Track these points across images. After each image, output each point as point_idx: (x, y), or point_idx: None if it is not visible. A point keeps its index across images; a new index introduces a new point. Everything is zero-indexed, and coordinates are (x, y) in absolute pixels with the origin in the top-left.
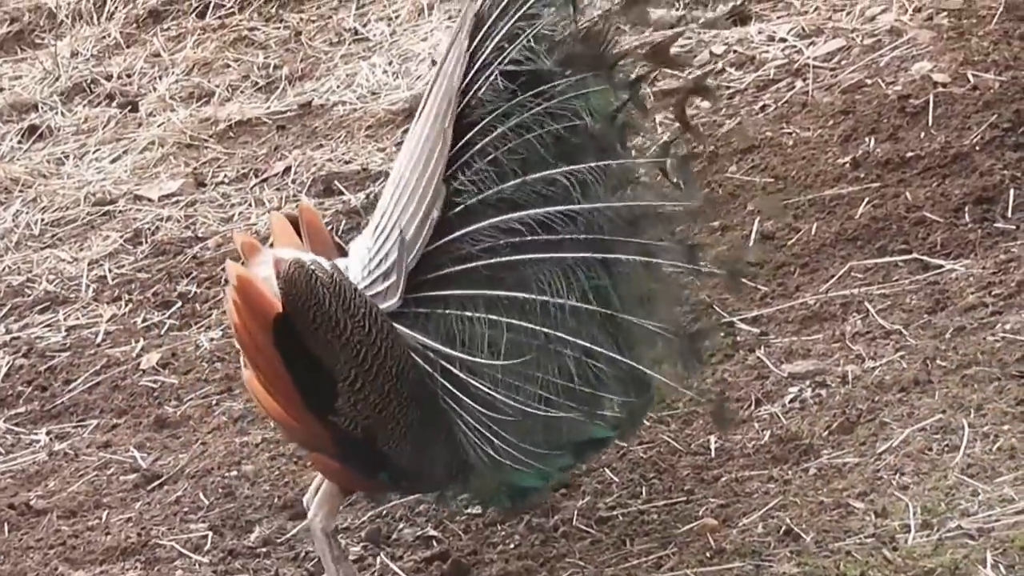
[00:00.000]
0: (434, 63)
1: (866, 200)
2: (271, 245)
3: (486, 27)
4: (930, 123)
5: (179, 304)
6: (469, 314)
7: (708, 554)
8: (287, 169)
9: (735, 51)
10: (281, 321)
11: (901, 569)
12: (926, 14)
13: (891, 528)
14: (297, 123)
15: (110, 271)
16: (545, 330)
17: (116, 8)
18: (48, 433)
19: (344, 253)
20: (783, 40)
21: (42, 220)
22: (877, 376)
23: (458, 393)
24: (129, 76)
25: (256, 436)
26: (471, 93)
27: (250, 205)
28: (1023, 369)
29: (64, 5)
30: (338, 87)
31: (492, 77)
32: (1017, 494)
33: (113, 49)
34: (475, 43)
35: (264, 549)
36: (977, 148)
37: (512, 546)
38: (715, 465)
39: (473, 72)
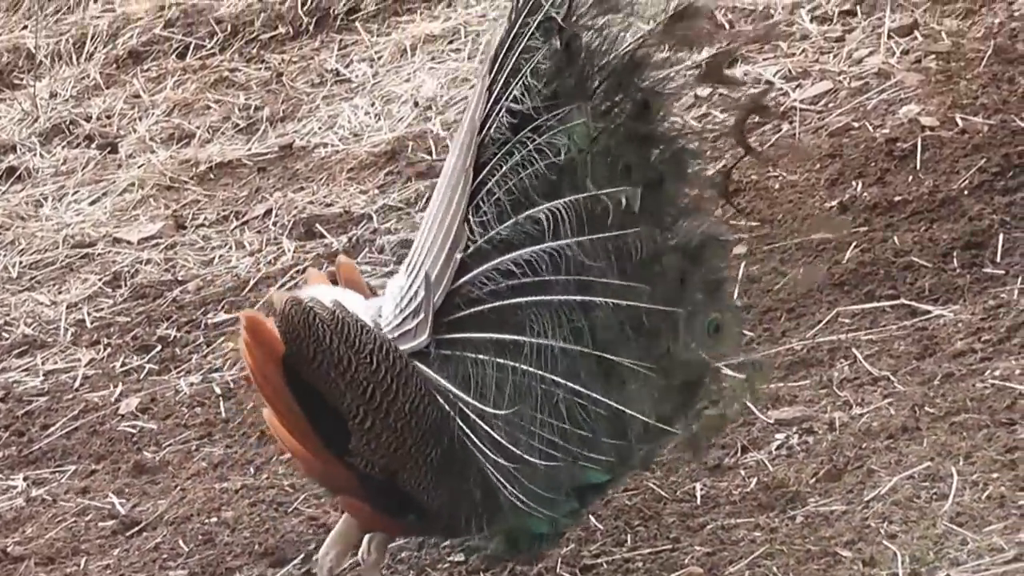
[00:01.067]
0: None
1: (853, 244)
2: None
3: (499, 59)
4: (918, 167)
5: (159, 348)
6: (482, 357)
7: None
8: (268, 212)
9: (720, 93)
10: (287, 360)
11: None
12: (914, 57)
13: None
14: (278, 165)
15: (89, 314)
16: (540, 372)
17: (95, 49)
18: (25, 479)
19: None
20: (770, 82)
21: (20, 263)
22: (865, 423)
23: (475, 437)
24: (109, 117)
25: (236, 482)
26: (486, 130)
27: (231, 248)
28: (1012, 416)
29: (43, 46)
30: (320, 129)
31: (500, 113)
32: (1007, 543)
33: (92, 90)
34: (492, 76)
35: None
36: (966, 192)
37: None
38: (701, 512)
39: (488, 107)
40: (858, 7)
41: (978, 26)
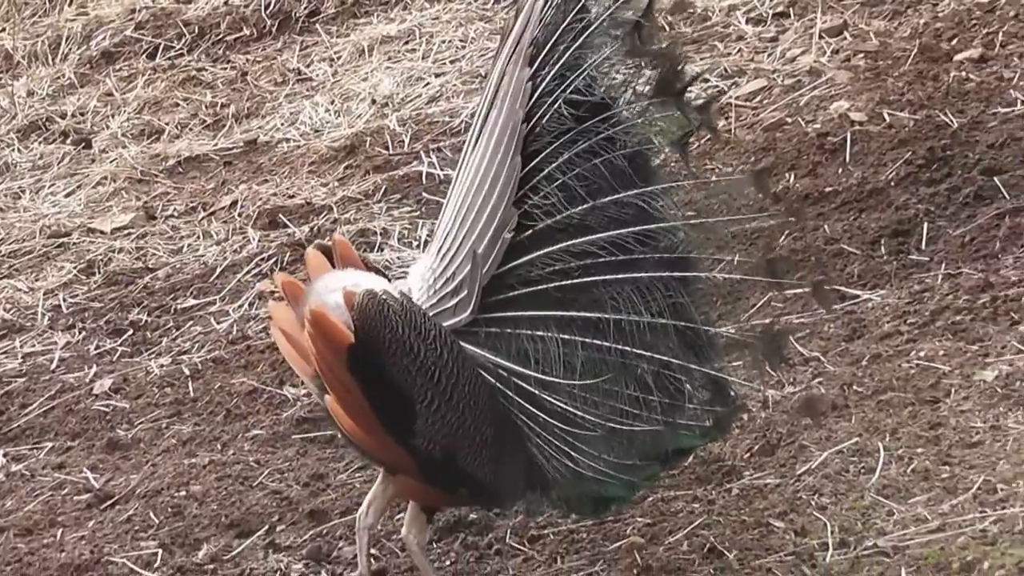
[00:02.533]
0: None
1: (787, 233)
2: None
3: (544, 54)
4: (847, 160)
5: (130, 332)
6: (541, 333)
7: (635, 571)
8: (234, 203)
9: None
10: (355, 350)
11: None
12: (844, 55)
13: (810, 546)
14: (243, 159)
15: (64, 300)
16: (621, 347)
17: (70, 50)
18: (5, 455)
19: (381, 274)
20: (707, 80)
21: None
22: (797, 401)
23: (533, 409)
24: (83, 114)
25: (204, 458)
26: (535, 120)
27: (198, 237)
28: (936, 395)
29: (20, 47)
30: (282, 125)
31: (556, 104)
32: (930, 514)
33: (67, 89)
34: (535, 70)
35: (212, 566)
36: (892, 184)
37: (448, 563)
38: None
39: (535, 99)
40: (791, 9)
41: (904, 26)
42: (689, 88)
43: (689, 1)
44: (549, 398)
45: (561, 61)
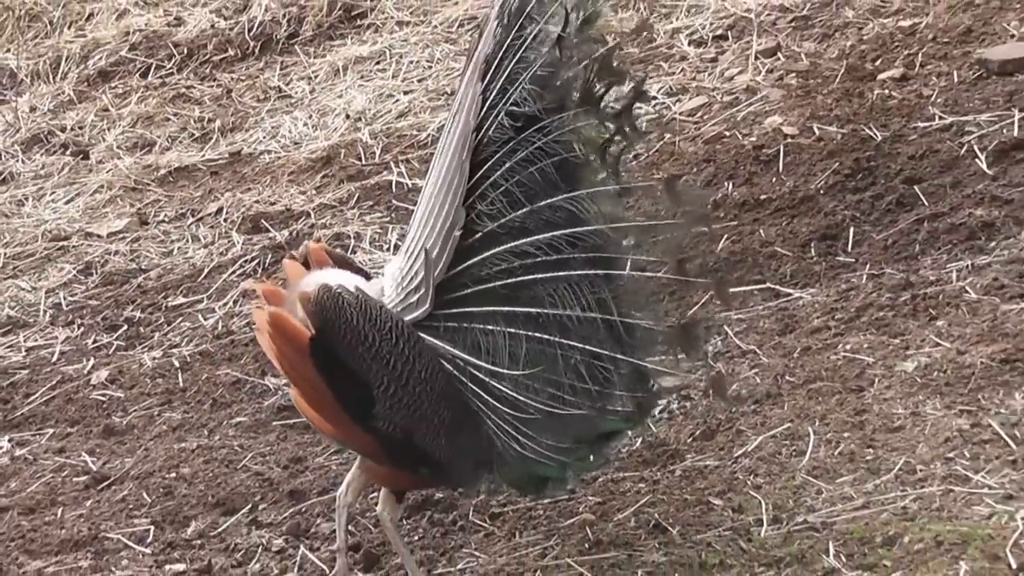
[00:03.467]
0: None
1: (725, 236)
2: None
3: (492, 70)
4: (781, 170)
5: (125, 327)
6: (491, 327)
7: (587, 545)
8: (219, 209)
9: (611, 107)
10: (315, 343)
11: (755, 558)
12: (777, 75)
13: (746, 522)
14: (228, 169)
15: (64, 299)
16: (557, 339)
17: (70, 69)
18: (10, 440)
19: (364, 274)
20: (654, 97)
21: (4, 254)
22: (735, 390)
23: (486, 396)
24: (81, 128)
25: (192, 443)
26: (483, 131)
27: (187, 241)
28: (861, 384)
29: (24, 66)
30: (264, 138)
31: (499, 116)
32: (855, 493)
33: (67, 104)
34: (485, 84)
35: (199, 541)
36: (821, 192)
37: (416, 538)
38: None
39: (484, 111)
40: (729, 32)
41: (832, 48)
42: (606, 98)
43: (651, 24)
44: (498, 386)
45: (504, 75)
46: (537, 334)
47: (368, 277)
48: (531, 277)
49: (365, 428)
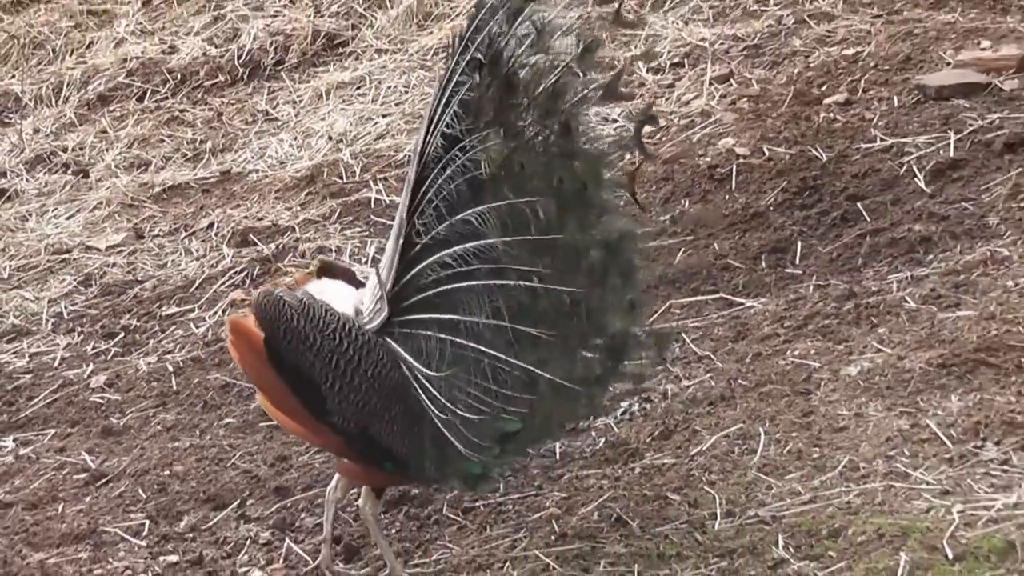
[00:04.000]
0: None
1: (682, 250)
2: None
3: (438, 92)
4: (734, 188)
5: (122, 335)
6: (428, 332)
7: (553, 537)
8: (210, 224)
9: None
10: (268, 344)
11: (709, 550)
12: (730, 99)
13: (701, 516)
14: (219, 187)
15: (65, 308)
16: (471, 343)
17: (71, 93)
18: (14, 440)
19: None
20: (615, 120)
21: (9, 266)
22: (691, 393)
23: (424, 396)
24: (81, 149)
25: (185, 442)
26: (426, 150)
27: (180, 254)
28: (808, 387)
29: (28, 91)
30: (252, 158)
31: (435, 136)
32: (803, 488)
33: (68, 127)
34: (433, 108)
35: (191, 534)
36: (771, 208)
37: (394, 531)
38: (559, 465)
39: (429, 132)
40: (685, 60)
41: (781, 75)
42: (505, 118)
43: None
44: (432, 387)
45: (444, 98)
46: (456, 339)
47: (357, 287)
48: (452, 286)
49: (328, 426)
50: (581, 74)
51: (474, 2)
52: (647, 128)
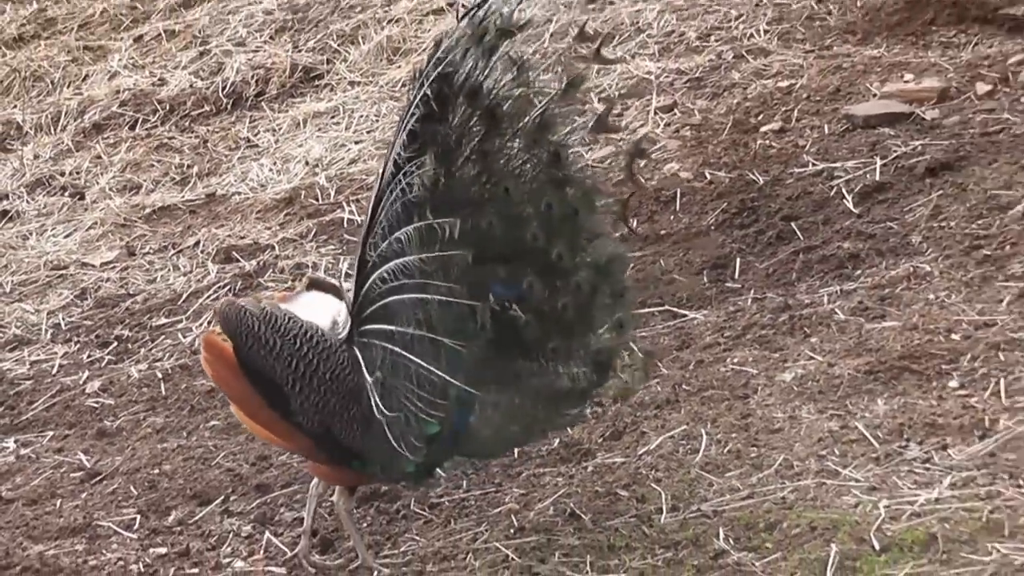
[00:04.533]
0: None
1: (631, 266)
2: None
3: (399, 123)
4: (678, 208)
5: (115, 344)
6: (375, 341)
7: (512, 530)
8: (197, 243)
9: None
10: (238, 353)
11: (656, 541)
12: (674, 127)
13: (648, 511)
14: (204, 208)
15: (63, 320)
16: (402, 352)
17: (68, 122)
18: (16, 441)
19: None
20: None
21: (11, 281)
22: (639, 397)
23: (372, 400)
24: (78, 173)
25: (173, 443)
26: (384, 173)
27: (169, 270)
28: (747, 392)
29: (29, 119)
30: (235, 181)
31: (389, 161)
32: (742, 485)
33: (66, 153)
34: (394, 136)
35: (179, 528)
36: (713, 227)
37: (365, 525)
38: (518, 464)
39: (389, 157)
40: (632, 91)
41: (721, 105)
42: (430, 142)
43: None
44: (376, 391)
45: (399, 124)
46: (390, 347)
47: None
48: (389, 299)
49: (295, 427)
50: (568, 106)
51: (435, 39)
52: (638, 159)
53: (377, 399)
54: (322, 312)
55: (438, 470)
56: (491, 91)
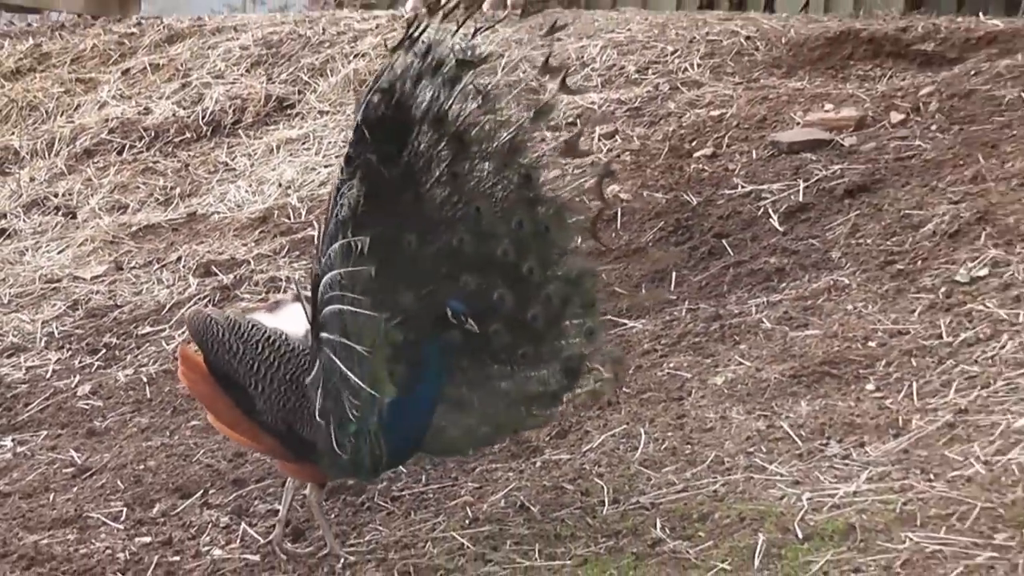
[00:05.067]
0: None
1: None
2: None
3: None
4: (619, 226)
5: (104, 351)
6: (320, 348)
7: (467, 521)
8: (179, 258)
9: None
10: (209, 362)
11: (598, 531)
12: (616, 152)
13: (592, 503)
14: (186, 227)
15: (56, 328)
16: (332, 356)
17: (61, 148)
18: (12, 440)
19: None
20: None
21: (9, 293)
22: (583, 398)
23: (319, 400)
24: (70, 194)
25: (157, 442)
26: (340, 191)
27: (154, 283)
28: (682, 395)
29: (25, 145)
30: (214, 202)
31: (338, 184)
32: (678, 480)
33: (59, 176)
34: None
35: (162, 519)
36: (651, 244)
37: (333, 516)
38: (472, 460)
39: (338, 179)
40: (579, 120)
41: (658, 132)
42: (356, 164)
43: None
44: (319, 391)
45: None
46: (328, 352)
47: None
48: (327, 309)
49: (261, 426)
50: (537, 132)
51: (379, 70)
52: (607, 180)
53: (321, 398)
54: (301, 321)
55: (395, 466)
56: (457, 117)
